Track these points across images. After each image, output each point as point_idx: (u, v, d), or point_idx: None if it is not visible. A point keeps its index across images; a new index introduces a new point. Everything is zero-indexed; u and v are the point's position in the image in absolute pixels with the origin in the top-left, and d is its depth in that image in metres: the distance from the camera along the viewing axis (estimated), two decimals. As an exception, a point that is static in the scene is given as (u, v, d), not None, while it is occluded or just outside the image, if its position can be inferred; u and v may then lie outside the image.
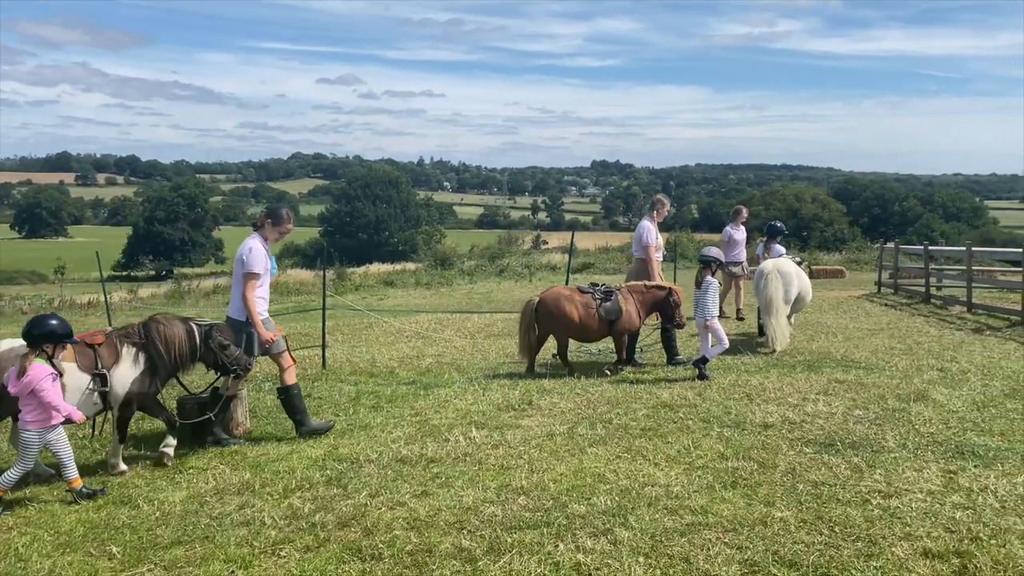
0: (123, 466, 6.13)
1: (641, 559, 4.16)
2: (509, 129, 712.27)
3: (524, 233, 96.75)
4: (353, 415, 7.61)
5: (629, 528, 4.53)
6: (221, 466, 6.13)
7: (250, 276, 6.76)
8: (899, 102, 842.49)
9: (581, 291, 9.16)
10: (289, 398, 6.97)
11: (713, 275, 9.05)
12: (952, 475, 5.28)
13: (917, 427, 6.43)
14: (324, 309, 11.13)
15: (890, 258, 20.29)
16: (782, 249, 12.44)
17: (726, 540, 4.35)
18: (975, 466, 5.44)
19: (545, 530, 4.55)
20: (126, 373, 6.07)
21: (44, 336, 5.49)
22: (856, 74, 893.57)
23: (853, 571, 3.95)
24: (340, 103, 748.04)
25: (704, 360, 8.69)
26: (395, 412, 7.66)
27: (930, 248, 18.39)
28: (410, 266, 39.95)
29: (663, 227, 10.75)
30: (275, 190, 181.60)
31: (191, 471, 6.06)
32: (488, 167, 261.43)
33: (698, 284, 9.02)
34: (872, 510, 4.70)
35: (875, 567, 3.98)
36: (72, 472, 5.53)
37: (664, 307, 9.22)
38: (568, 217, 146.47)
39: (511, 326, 14.66)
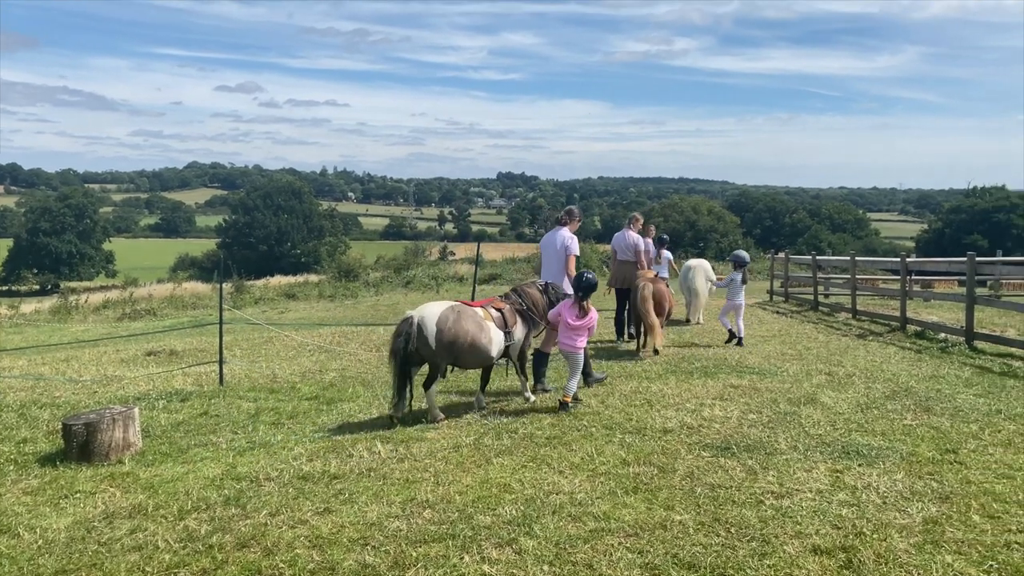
0: (532, 396, 8.11)
1: (545, 567, 4.19)
2: (415, 140, 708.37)
3: (431, 244, 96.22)
4: (252, 432, 7.40)
5: (534, 537, 4.56)
6: (111, 489, 5.85)
7: (574, 256, 9.17)
8: (788, 119, 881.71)
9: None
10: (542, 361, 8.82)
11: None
12: (839, 474, 5.54)
13: (807, 429, 6.73)
14: (221, 323, 10.78)
15: (781, 268, 21.22)
16: (669, 255, 15.42)
17: (628, 545, 4.43)
18: (859, 465, 5.73)
19: (450, 542, 4.53)
20: (521, 330, 7.92)
21: (591, 289, 7.73)
22: (748, 91, 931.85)
23: (748, 570, 4.09)
24: (240, 111, 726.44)
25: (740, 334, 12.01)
26: (297, 428, 7.49)
27: (817, 258, 19.31)
28: (313, 278, 39.15)
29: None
30: (170, 200, 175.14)
31: (78, 495, 5.75)
32: (394, 177, 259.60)
33: (744, 281, 12.40)
34: (765, 510, 4.88)
35: (768, 566, 4.14)
36: (573, 387, 7.70)
37: None
38: (475, 228, 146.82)
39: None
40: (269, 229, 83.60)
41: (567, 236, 9.22)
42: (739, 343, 11.86)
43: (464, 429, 7.08)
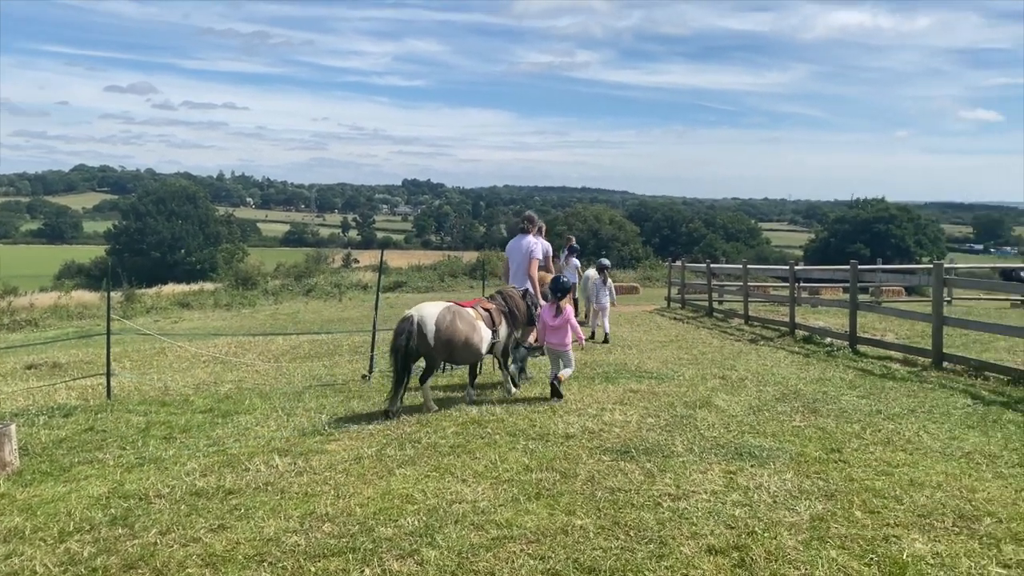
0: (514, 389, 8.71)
1: (448, 577, 4.16)
2: (317, 145, 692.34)
3: (334, 251, 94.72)
4: (142, 448, 7.08)
5: (436, 547, 4.52)
6: (-17, 513, 5.47)
7: (536, 260, 9.69)
8: (684, 131, 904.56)
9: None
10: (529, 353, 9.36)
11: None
12: (732, 475, 5.73)
13: (702, 432, 6.93)
14: (109, 334, 10.27)
15: (678, 275, 21.86)
16: (576, 262, 16.03)
17: (530, 551, 4.45)
18: (751, 466, 5.94)
19: (350, 556, 4.45)
20: (506, 330, 8.49)
21: (566, 291, 8.56)
22: (647, 104, 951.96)
23: (646, 572, 4.17)
24: (132, 113, 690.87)
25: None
26: (190, 443, 7.20)
27: (712, 266, 19.99)
28: (208, 286, 37.91)
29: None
30: (54, 204, 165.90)
31: (-55, 521, 5.35)
32: (295, 183, 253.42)
33: (604, 282, 14.04)
34: (663, 512, 4.99)
35: (665, 567, 4.23)
36: (568, 373, 8.54)
37: None
38: (380, 235, 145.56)
39: (318, 348, 14.28)
40: (162, 235, 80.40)
41: (532, 242, 9.87)
42: (605, 341, 13.34)
43: (366, 440, 6.97)
